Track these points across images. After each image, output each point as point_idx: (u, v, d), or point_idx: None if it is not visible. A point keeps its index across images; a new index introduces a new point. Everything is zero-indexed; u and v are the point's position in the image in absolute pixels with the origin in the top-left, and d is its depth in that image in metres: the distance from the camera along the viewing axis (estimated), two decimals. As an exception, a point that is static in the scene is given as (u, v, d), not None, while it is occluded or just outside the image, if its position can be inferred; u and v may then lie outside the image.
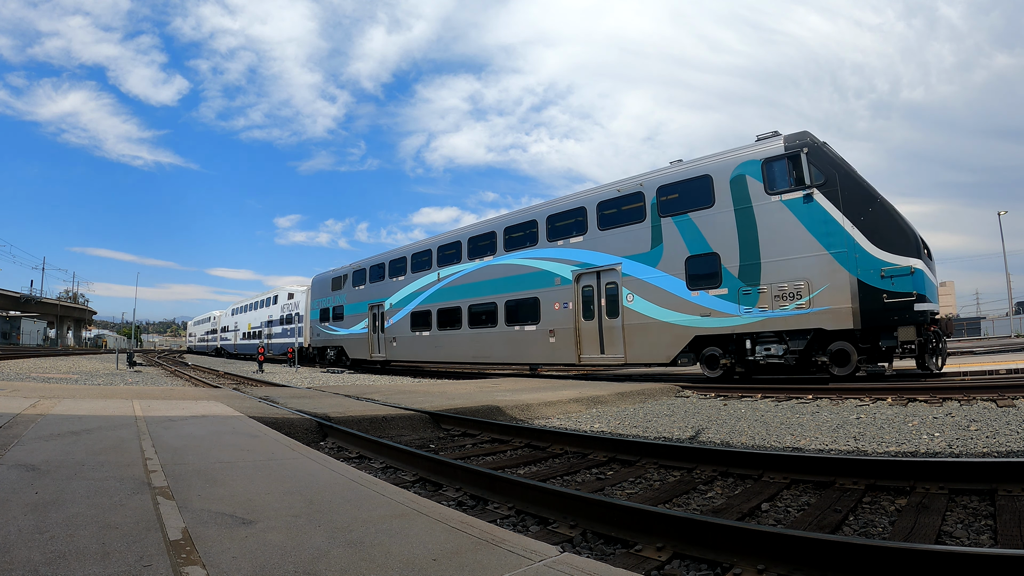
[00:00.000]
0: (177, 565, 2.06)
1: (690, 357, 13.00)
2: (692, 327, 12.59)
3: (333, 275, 28.28)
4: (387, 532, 2.52)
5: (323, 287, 29.16)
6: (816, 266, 10.86)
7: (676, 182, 13.30)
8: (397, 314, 22.26)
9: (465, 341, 18.87)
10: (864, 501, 3.83)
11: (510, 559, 2.23)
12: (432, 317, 20.29)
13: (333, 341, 27.34)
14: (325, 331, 28.11)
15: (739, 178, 12.10)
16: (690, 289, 12.65)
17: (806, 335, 11.04)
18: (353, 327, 25.59)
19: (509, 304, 17.16)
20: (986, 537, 3.07)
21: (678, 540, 2.96)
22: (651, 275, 13.42)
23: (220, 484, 3.31)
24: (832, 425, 6.97)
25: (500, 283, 17.51)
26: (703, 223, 12.61)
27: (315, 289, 30.52)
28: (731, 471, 4.68)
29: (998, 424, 6.24)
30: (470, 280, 18.72)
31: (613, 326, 14.23)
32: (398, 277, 22.62)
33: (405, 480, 4.72)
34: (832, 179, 10.90)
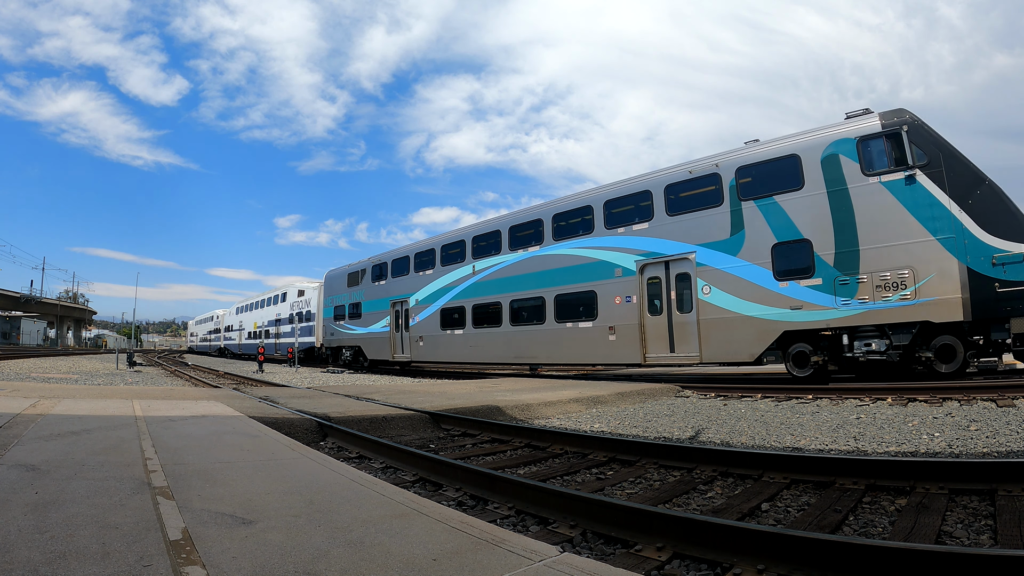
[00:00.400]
0: (177, 565, 2.06)
1: (777, 355, 11.91)
2: (781, 321, 11.42)
3: (349, 270, 26.47)
4: (387, 532, 2.52)
5: (338, 283, 27.31)
6: (921, 253, 10.04)
7: (758, 163, 12.15)
8: (424, 311, 20.58)
9: (505, 340, 17.29)
10: (864, 501, 3.83)
11: (510, 559, 2.23)
12: (466, 314, 18.72)
13: (349, 340, 25.61)
14: (340, 330, 26.33)
15: (831, 158, 11.08)
16: (778, 279, 11.51)
17: (911, 328, 10.15)
18: (372, 325, 23.82)
19: (560, 299, 15.72)
20: (986, 537, 3.07)
21: (678, 540, 2.96)
22: (731, 264, 12.20)
23: (220, 484, 3.31)
24: (832, 425, 6.97)
25: (548, 275, 16.06)
26: (791, 207, 11.49)
27: (329, 285, 28.60)
28: (731, 471, 4.68)
29: (998, 424, 6.24)
30: (512, 273, 17.16)
31: (686, 322, 12.92)
32: (425, 271, 20.88)
33: (405, 480, 4.72)
34: (936, 159, 10.09)
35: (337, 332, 26.70)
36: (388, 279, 23.19)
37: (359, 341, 24.84)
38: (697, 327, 12.69)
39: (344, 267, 27.45)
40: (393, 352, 22.48)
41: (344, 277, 26.73)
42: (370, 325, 24.05)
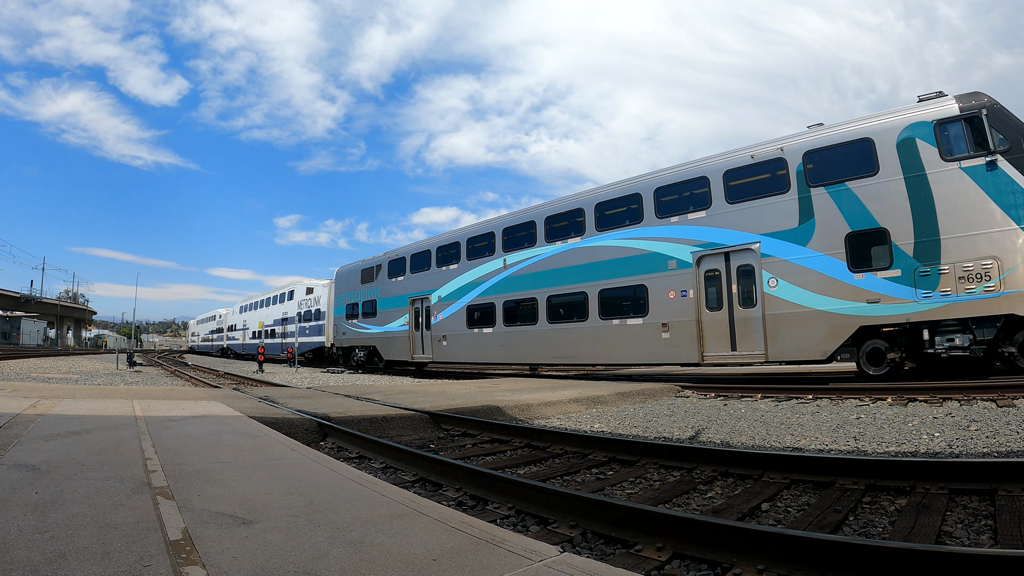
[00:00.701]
0: (177, 565, 2.06)
1: (851, 352, 11.15)
2: (856, 316, 10.72)
3: (363, 266, 25.07)
4: (387, 532, 2.52)
5: (350, 280, 25.92)
6: (1006, 242, 9.62)
7: (828, 147, 11.43)
8: (448, 308, 19.40)
9: (542, 339, 16.19)
10: (864, 501, 3.83)
11: (510, 559, 2.23)
12: (496, 311, 17.57)
13: (363, 340, 24.26)
14: (353, 329, 24.95)
15: (908, 142, 10.49)
16: (853, 271, 10.80)
17: (995, 322, 9.66)
18: (389, 324, 22.47)
19: (605, 294, 14.63)
20: (986, 537, 3.07)
21: (678, 540, 2.96)
22: (801, 255, 11.41)
23: (220, 484, 3.31)
24: (832, 425, 6.97)
25: (591, 269, 14.93)
26: (865, 193, 10.80)
27: (340, 282, 27.15)
28: (731, 471, 4.68)
29: (998, 424, 6.24)
30: (549, 266, 16.05)
31: (749, 317, 12.03)
32: (449, 265, 19.69)
33: (405, 480, 4.72)
34: (1017, 145, 9.69)
35: (350, 331, 25.34)
36: (407, 275, 21.84)
37: (374, 341, 23.56)
38: (763, 323, 11.81)
39: (357, 263, 26.03)
40: (413, 352, 21.24)
41: (357, 274, 25.39)
42: (386, 324, 22.74)
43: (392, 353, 22.56)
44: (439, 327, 19.86)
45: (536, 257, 16.61)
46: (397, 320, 22.11)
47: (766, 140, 12.61)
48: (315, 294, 33.47)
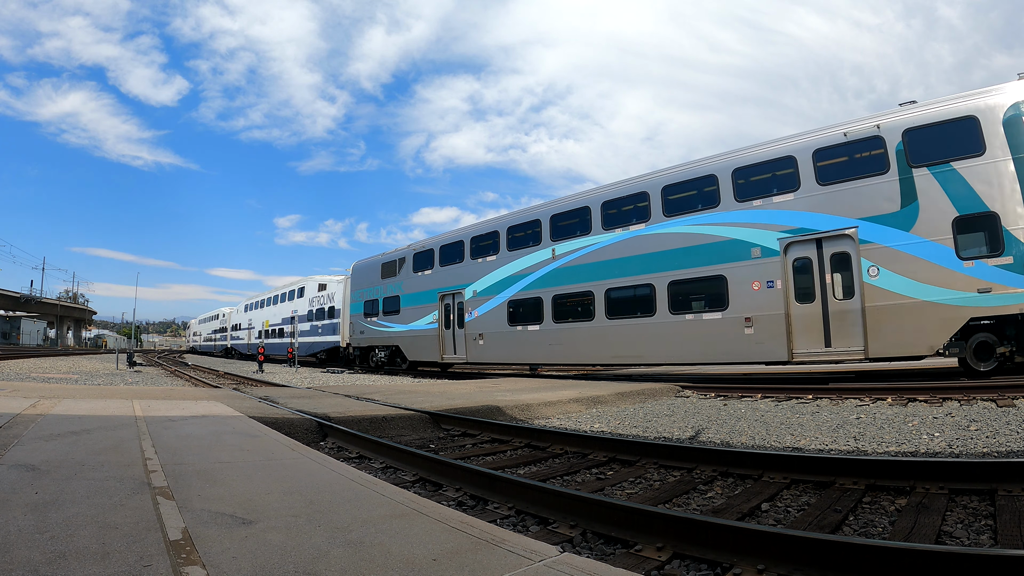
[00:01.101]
0: (177, 565, 2.06)
1: (960, 346, 10.28)
2: (965, 307, 9.97)
3: (384, 260, 23.28)
4: (387, 532, 2.52)
5: (368, 274, 24.14)
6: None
7: (929, 124, 10.65)
8: (485, 304, 17.80)
9: (599, 336, 14.67)
10: (864, 501, 3.83)
11: (510, 559, 2.23)
12: (544, 306, 16.06)
13: (384, 339, 22.46)
14: (372, 327, 23.12)
15: (1015, 120, 9.89)
16: (961, 258, 10.00)
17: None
18: (414, 322, 20.71)
19: (675, 286, 13.28)
20: (986, 537, 3.07)
21: (678, 540, 2.96)
22: (904, 241, 10.53)
23: (220, 484, 3.31)
24: (832, 425, 6.97)
25: (658, 258, 13.54)
26: (972, 175, 10.04)
27: (357, 278, 25.36)
28: (731, 471, 4.68)
29: (998, 424, 6.24)
30: (607, 256, 14.62)
31: (846, 310, 11.01)
32: (486, 257, 18.13)
33: (405, 480, 4.72)
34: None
35: (368, 330, 23.50)
36: (435, 268, 20.13)
37: (397, 340, 21.77)
38: (862, 316, 10.78)
39: (376, 257, 24.32)
40: (443, 352, 19.54)
41: (377, 268, 23.52)
42: (411, 321, 20.89)
43: (418, 353, 20.82)
44: (474, 325, 18.17)
45: (592, 246, 15.04)
46: (424, 318, 20.29)
47: (859, 118, 11.79)
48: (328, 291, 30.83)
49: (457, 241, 19.67)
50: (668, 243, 13.52)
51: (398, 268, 22.14)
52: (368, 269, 24.52)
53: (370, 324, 23.47)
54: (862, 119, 11.66)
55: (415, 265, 21.28)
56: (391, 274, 22.56)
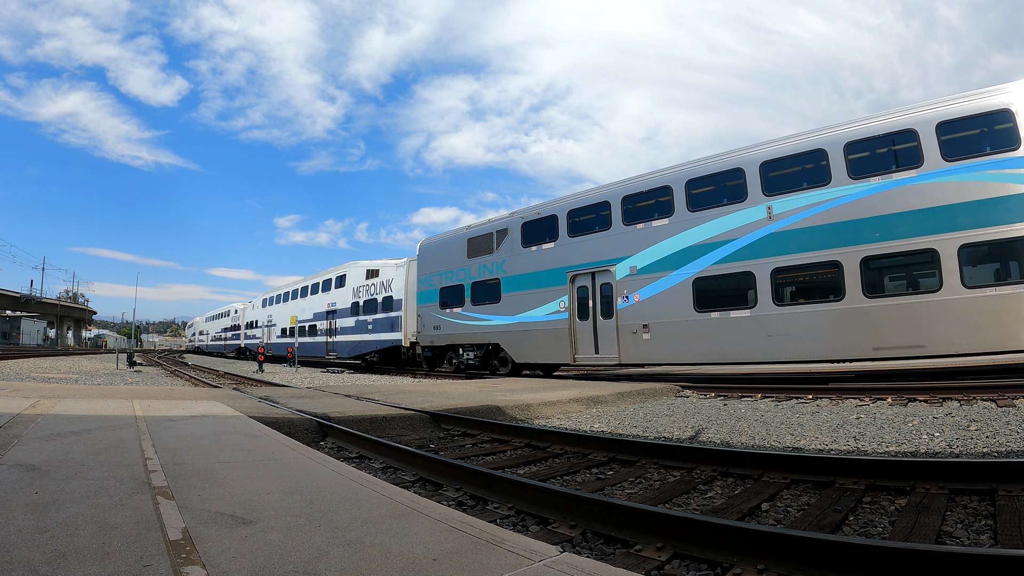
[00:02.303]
0: (177, 565, 2.06)
1: None
2: None
3: (471, 234, 18.69)
4: (387, 532, 2.52)
5: (445, 254, 19.69)
6: None
7: None
8: (652, 284, 13.53)
9: (853, 322, 10.85)
10: (864, 501, 3.83)
11: (510, 559, 2.23)
12: (756, 284, 11.98)
13: (473, 335, 18.08)
14: (454, 321, 18.76)
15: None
16: None
17: None
18: (525, 312, 16.37)
19: (970, 250, 9.88)
20: (986, 537, 3.07)
21: (678, 540, 2.96)
22: None
23: (220, 484, 3.31)
24: (832, 425, 6.97)
25: (940, 215, 10.06)
26: None
27: (426, 259, 20.66)
28: (731, 471, 4.68)
29: (998, 424, 6.24)
30: (862, 214, 10.83)
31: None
32: (650, 221, 13.79)
33: (405, 480, 4.72)
34: None
35: (447, 324, 19.09)
36: (561, 240, 15.72)
37: (496, 336, 17.31)
38: None
39: (457, 231, 19.91)
40: (576, 350, 15.13)
41: (460, 245, 19.00)
42: (519, 312, 16.54)
43: (532, 352, 16.30)
44: (633, 312, 13.82)
45: (834, 201, 11.25)
46: (542, 306, 15.90)
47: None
48: (382, 278, 24.74)
49: (599, 203, 14.99)
50: (956, 194, 9.97)
51: (496, 243, 17.51)
52: (445, 247, 19.75)
53: (450, 317, 18.92)
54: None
55: (526, 238, 16.68)
56: (484, 251, 17.91)
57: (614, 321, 14.25)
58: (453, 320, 18.96)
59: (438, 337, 19.61)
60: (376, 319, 24.48)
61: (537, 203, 17.16)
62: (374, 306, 24.80)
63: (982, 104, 10.10)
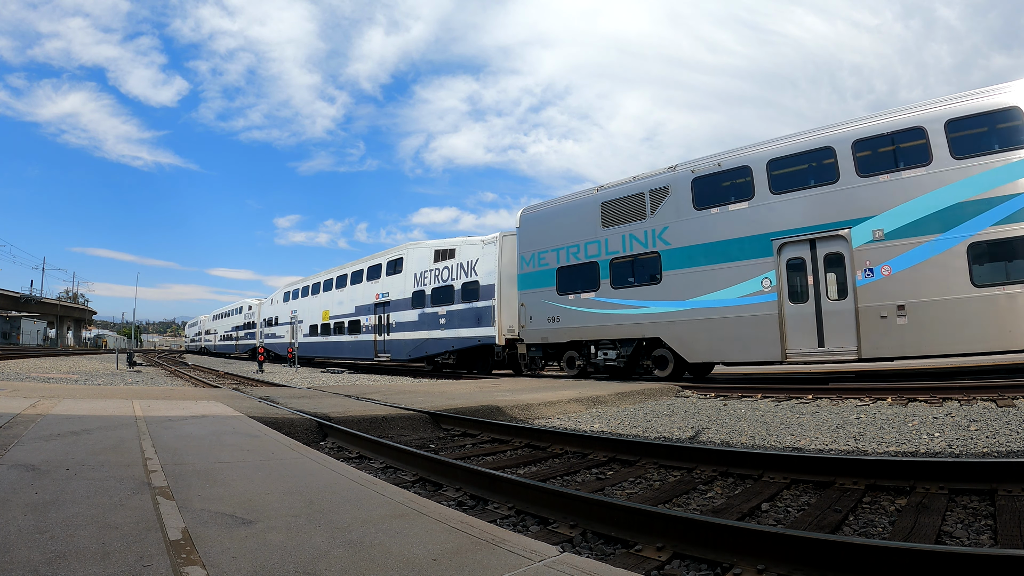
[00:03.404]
0: (177, 565, 2.06)
1: None
2: None
3: (606, 196, 14.68)
4: (387, 532, 2.52)
5: (562, 224, 15.63)
6: None
7: None
8: (906, 254, 10.35)
9: None
10: (864, 501, 3.83)
11: (510, 559, 2.23)
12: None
13: (618, 328, 14.03)
14: (583, 310, 14.73)
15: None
16: None
17: None
18: (701, 295, 12.49)
19: None
20: (986, 537, 3.07)
21: (678, 540, 2.96)
22: None
23: (220, 484, 3.31)
24: (832, 425, 6.97)
25: None
26: None
27: (531, 232, 16.48)
28: (731, 471, 4.68)
29: (998, 424, 6.24)
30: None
31: None
32: (896, 171, 10.63)
33: (405, 480, 4.72)
34: None
35: (570, 314, 15.05)
36: (759, 197, 11.93)
37: (655, 327, 13.32)
38: None
39: (577, 194, 15.85)
40: (788, 342, 11.38)
41: (589, 211, 14.97)
42: (694, 294, 12.65)
43: (714, 347, 12.46)
44: (881, 290, 10.47)
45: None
46: (732, 286, 12.10)
47: None
48: (460, 259, 19.62)
49: (815, 149, 11.54)
50: None
51: (650, 205, 13.68)
52: (563, 216, 15.67)
53: (575, 305, 14.96)
54: None
55: (700, 197, 12.90)
56: (630, 216, 14.06)
57: (850, 302, 10.70)
58: (580, 309, 14.82)
59: (555, 332, 15.36)
60: (453, 311, 19.47)
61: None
62: (448, 295, 19.82)
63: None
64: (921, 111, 10.71)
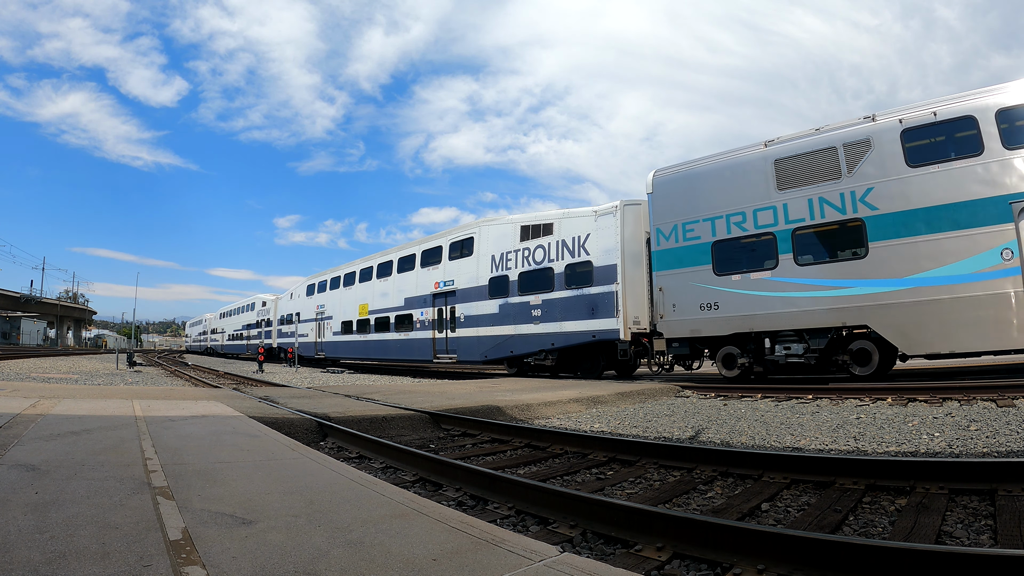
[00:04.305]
0: (177, 565, 2.06)
1: None
2: None
3: (781, 152, 11.88)
4: (387, 532, 2.52)
5: (716, 187, 12.67)
6: None
7: None
8: None
9: None
10: (864, 501, 3.83)
11: (510, 559, 2.23)
12: None
13: (810, 315, 11.24)
14: (753, 294, 11.92)
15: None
16: None
17: None
18: (925, 270, 10.15)
19: None
20: (986, 537, 3.07)
21: (678, 540, 2.96)
22: None
23: (220, 484, 3.31)
24: (832, 425, 6.97)
25: None
26: None
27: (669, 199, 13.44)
28: (731, 471, 4.68)
29: (998, 424, 6.24)
30: None
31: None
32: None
33: (405, 480, 4.72)
34: None
35: (733, 300, 12.15)
36: (991, 151, 9.78)
37: (862, 312, 10.66)
38: None
39: (736, 151, 12.72)
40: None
41: (755, 171, 12.12)
42: (917, 270, 10.23)
43: (945, 336, 9.98)
44: None
45: None
46: (961, 260, 9.87)
47: None
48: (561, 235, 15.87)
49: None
50: None
51: (846, 162, 11.08)
52: (717, 178, 12.71)
53: (740, 288, 12.08)
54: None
55: (913, 152, 10.50)
56: (819, 176, 11.35)
57: None
58: (749, 293, 11.94)
59: (711, 322, 12.40)
60: (552, 300, 15.78)
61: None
62: (544, 280, 16.18)
63: None
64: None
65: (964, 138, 10.12)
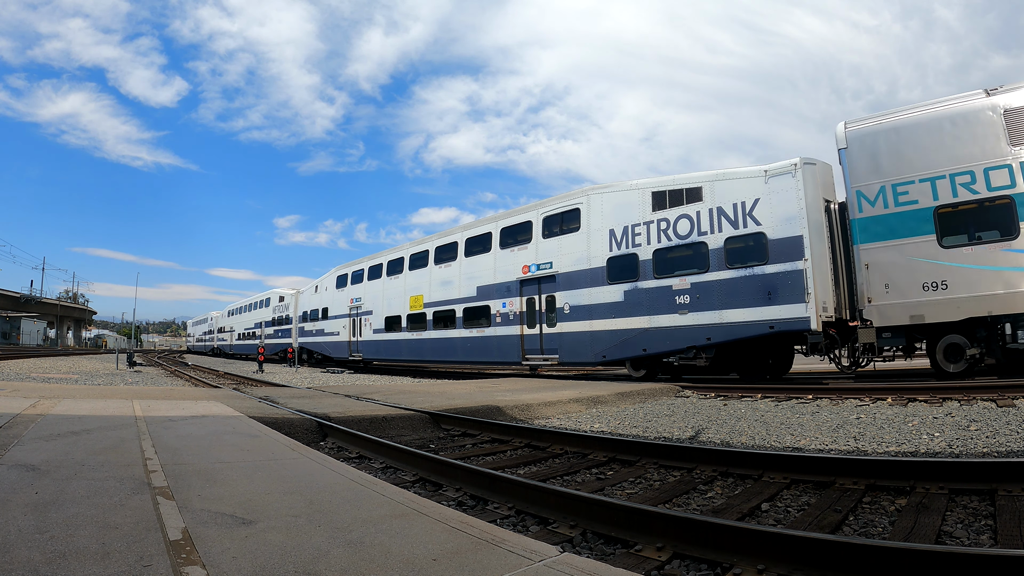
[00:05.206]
0: (177, 565, 2.06)
1: None
2: None
3: (1014, 101, 9.89)
4: (387, 532, 2.52)
5: (934, 141, 10.46)
6: None
7: None
8: None
9: None
10: (864, 501, 3.83)
11: (510, 559, 2.23)
12: None
13: None
14: (985, 271, 9.87)
15: None
16: None
17: None
18: None
19: None
20: (986, 537, 3.07)
21: (678, 540, 2.96)
22: None
23: (220, 484, 3.31)
24: (832, 425, 6.97)
25: None
26: None
27: (868, 156, 11.08)
28: (731, 471, 4.68)
29: (998, 424, 6.24)
30: None
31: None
32: None
33: (405, 480, 4.72)
34: None
35: (971, 278, 10.01)
36: None
37: None
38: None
39: (949, 99, 10.57)
40: None
41: (982, 122, 10.12)
42: None
43: None
44: None
45: None
46: None
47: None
48: (716, 201, 12.58)
49: None
50: None
51: None
52: (934, 130, 10.59)
53: (974, 263, 10.05)
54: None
55: None
56: None
57: None
58: (985, 268, 9.90)
59: (938, 306, 10.17)
60: (706, 284, 12.51)
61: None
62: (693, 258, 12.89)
63: None
64: None
65: None
